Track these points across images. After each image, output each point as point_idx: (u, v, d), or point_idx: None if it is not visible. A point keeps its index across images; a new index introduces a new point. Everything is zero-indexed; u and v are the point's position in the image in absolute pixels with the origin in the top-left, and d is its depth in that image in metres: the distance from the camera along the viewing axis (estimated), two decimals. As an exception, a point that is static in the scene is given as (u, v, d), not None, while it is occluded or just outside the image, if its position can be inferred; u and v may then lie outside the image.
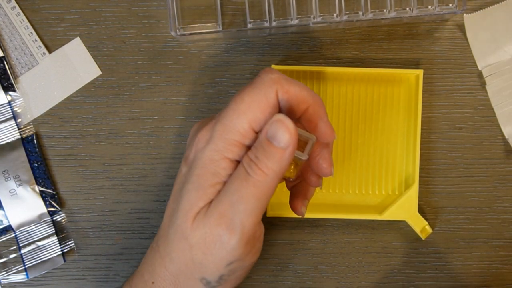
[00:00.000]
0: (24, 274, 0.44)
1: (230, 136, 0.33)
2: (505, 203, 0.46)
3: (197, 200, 0.34)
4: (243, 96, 0.33)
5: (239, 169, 0.33)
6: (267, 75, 0.34)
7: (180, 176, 0.36)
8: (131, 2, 0.45)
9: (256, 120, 0.33)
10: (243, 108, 0.33)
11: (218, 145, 0.33)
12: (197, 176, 0.34)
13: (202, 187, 0.33)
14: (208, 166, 0.33)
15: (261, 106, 0.33)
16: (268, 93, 0.33)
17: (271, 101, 0.33)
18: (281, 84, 0.33)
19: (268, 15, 0.43)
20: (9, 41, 0.45)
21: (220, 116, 0.34)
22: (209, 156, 0.33)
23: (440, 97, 0.46)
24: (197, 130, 0.35)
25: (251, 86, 0.34)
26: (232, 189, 0.33)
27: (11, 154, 0.44)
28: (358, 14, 0.43)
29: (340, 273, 0.45)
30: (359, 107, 0.45)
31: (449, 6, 0.43)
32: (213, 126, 0.34)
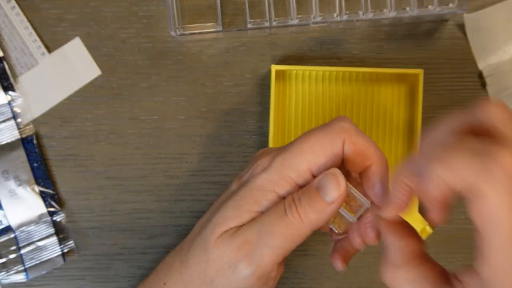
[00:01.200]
0: (24, 274, 0.44)
1: (286, 172, 0.33)
2: (505, 203, 0.46)
3: (230, 219, 0.33)
4: (309, 137, 0.33)
5: (280, 204, 0.33)
6: (339, 123, 0.33)
7: (228, 192, 0.36)
8: (131, 2, 0.45)
9: (316, 164, 0.33)
10: (306, 148, 0.33)
11: (272, 176, 0.33)
12: (241, 197, 0.34)
13: (240, 209, 0.33)
14: (254, 192, 0.33)
15: (325, 152, 0.33)
16: (334, 140, 0.33)
17: (335, 149, 0.33)
18: (350, 134, 0.33)
19: (268, 15, 0.43)
20: (9, 41, 0.45)
21: (283, 150, 0.33)
22: (260, 184, 0.33)
23: (441, 97, 0.46)
24: (261, 154, 0.36)
25: (320, 129, 0.33)
26: (265, 221, 0.33)
27: (11, 154, 0.44)
28: (358, 14, 0.43)
29: (340, 274, 0.45)
30: (359, 107, 0.45)
31: (449, 6, 0.43)
32: (274, 157, 0.33)
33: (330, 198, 0.32)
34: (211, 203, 0.45)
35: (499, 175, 0.24)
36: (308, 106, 0.45)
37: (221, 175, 0.45)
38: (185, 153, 0.45)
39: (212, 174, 0.45)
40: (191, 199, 0.45)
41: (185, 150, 0.45)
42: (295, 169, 0.33)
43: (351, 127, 0.33)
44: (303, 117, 0.45)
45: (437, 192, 0.27)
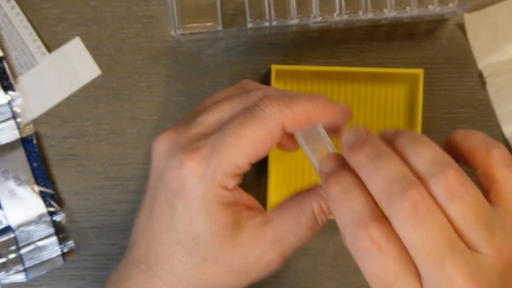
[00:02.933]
0: (24, 274, 0.44)
1: (228, 170, 0.32)
2: (505, 203, 0.46)
3: (227, 225, 0.32)
4: (245, 131, 0.31)
5: (308, 212, 0.33)
6: (269, 109, 0.32)
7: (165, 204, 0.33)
8: (131, 1, 0.45)
9: (255, 156, 0.32)
10: (244, 144, 0.31)
11: (216, 180, 0.31)
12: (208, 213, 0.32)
13: (220, 220, 0.32)
14: (215, 200, 0.32)
15: (264, 143, 0.32)
16: (272, 129, 0.32)
17: (274, 136, 0.32)
18: (286, 115, 0.32)
19: (268, 14, 0.43)
20: (9, 41, 0.45)
21: (216, 148, 0.32)
22: (210, 192, 0.32)
23: (440, 97, 0.46)
24: (175, 156, 0.33)
25: (254, 121, 0.32)
26: (294, 226, 0.33)
27: (10, 154, 0.44)
28: (358, 13, 0.43)
29: (340, 274, 0.45)
30: (359, 107, 0.45)
31: (449, 6, 0.43)
32: (208, 160, 0.31)
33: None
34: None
35: None
36: (308, 106, 0.45)
37: (221, 175, 0.45)
38: (185, 153, 0.45)
39: (212, 174, 0.45)
40: (191, 199, 0.45)
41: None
42: (236, 166, 0.32)
43: (281, 108, 0.32)
44: (303, 117, 0.45)
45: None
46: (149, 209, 0.34)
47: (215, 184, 0.32)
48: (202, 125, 0.33)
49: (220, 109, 0.34)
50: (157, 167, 0.34)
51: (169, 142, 0.34)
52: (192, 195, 0.32)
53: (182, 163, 0.32)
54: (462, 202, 0.27)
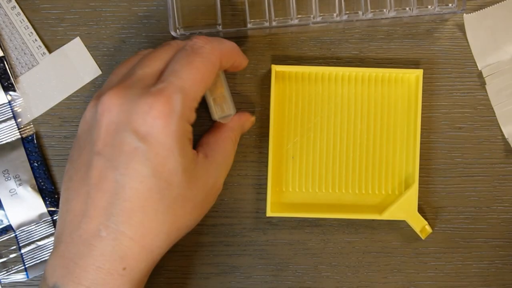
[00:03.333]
0: (24, 273, 0.44)
1: (191, 104, 0.35)
2: (505, 203, 0.46)
3: (192, 160, 0.36)
4: (197, 66, 0.35)
5: (228, 139, 0.41)
6: (208, 46, 0.37)
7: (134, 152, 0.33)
8: (131, 2, 0.45)
9: (206, 87, 0.37)
10: (199, 77, 0.35)
11: (184, 115, 0.35)
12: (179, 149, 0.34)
13: (188, 155, 0.35)
14: (184, 135, 0.35)
15: (211, 74, 0.37)
16: (215, 62, 0.37)
17: (216, 67, 0.37)
18: (221, 50, 0.37)
19: (268, 15, 0.43)
20: (9, 41, 0.45)
21: (177, 86, 0.34)
22: (180, 128, 0.34)
23: (440, 97, 0.46)
24: (135, 105, 0.33)
25: (200, 56, 0.36)
26: (224, 153, 0.41)
27: (11, 154, 0.44)
28: (358, 14, 0.43)
29: (340, 273, 0.45)
30: (359, 107, 0.45)
31: (449, 6, 0.43)
32: (173, 98, 0.34)
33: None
34: (211, 202, 0.45)
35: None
36: (308, 106, 0.45)
37: (221, 175, 0.45)
38: (185, 153, 0.45)
39: (212, 174, 0.45)
40: (191, 198, 0.45)
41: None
42: (197, 100, 0.36)
43: (214, 44, 0.37)
44: (303, 117, 0.45)
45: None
46: (109, 169, 0.33)
47: (184, 120, 0.34)
48: (145, 76, 0.36)
49: (153, 61, 0.37)
50: (114, 122, 0.34)
51: (123, 96, 0.34)
52: (165, 133, 0.33)
53: (150, 106, 0.33)
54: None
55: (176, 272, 0.45)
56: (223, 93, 0.43)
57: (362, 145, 0.45)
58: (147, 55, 0.37)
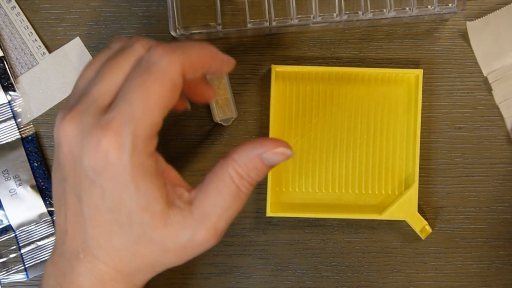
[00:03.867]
0: (24, 273, 0.44)
1: (144, 133, 0.30)
2: (505, 203, 0.46)
3: (156, 199, 0.31)
4: (149, 89, 0.30)
5: (227, 181, 0.32)
6: (165, 60, 0.31)
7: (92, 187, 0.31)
8: (131, 2, 0.45)
9: (166, 108, 0.31)
10: (153, 103, 0.30)
11: (137, 148, 0.30)
12: (136, 186, 0.31)
13: (148, 192, 0.31)
14: (140, 170, 0.31)
15: (171, 94, 0.31)
16: (175, 78, 0.31)
17: (178, 84, 0.31)
18: (183, 62, 0.31)
19: (268, 15, 0.43)
20: (9, 41, 0.45)
21: (126, 116, 0.30)
22: (134, 162, 0.30)
23: (440, 97, 0.46)
24: (88, 135, 0.31)
25: (153, 75, 0.31)
26: (217, 199, 0.32)
27: (11, 154, 0.44)
28: (358, 14, 0.43)
29: (340, 273, 0.45)
30: (359, 107, 0.45)
31: (449, 6, 0.43)
32: (123, 130, 0.30)
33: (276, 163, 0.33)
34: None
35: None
36: (308, 106, 0.45)
37: (221, 175, 0.45)
38: (185, 153, 0.45)
39: (212, 174, 0.45)
40: (191, 199, 0.45)
41: (185, 150, 0.45)
42: (152, 126, 0.31)
43: (177, 55, 0.31)
44: (303, 117, 0.45)
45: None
46: (76, 196, 0.32)
47: (137, 152, 0.30)
48: (100, 96, 0.32)
49: (111, 73, 0.32)
50: (70, 153, 0.32)
51: (76, 125, 0.32)
52: (117, 169, 0.30)
53: (98, 142, 0.30)
54: None
55: (176, 272, 0.45)
56: (226, 95, 0.43)
57: (362, 145, 0.45)
58: (106, 64, 0.33)
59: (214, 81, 0.43)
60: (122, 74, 0.32)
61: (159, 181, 0.31)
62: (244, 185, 0.32)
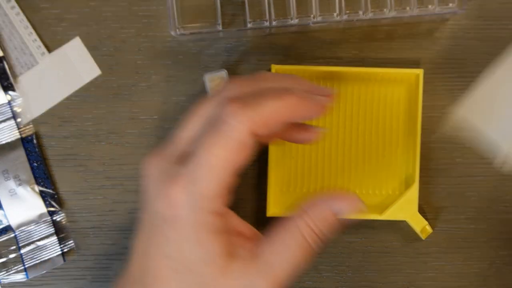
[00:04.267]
0: (24, 274, 0.44)
1: (211, 193, 0.31)
2: (505, 203, 0.46)
3: (219, 254, 0.32)
4: (215, 151, 0.31)
5: (295, 232, 0.32)
6: (234, 119, 0.31)
7: (160, 232, 0.33)
8: (131, 1, 0.45)
9: (235, 168, 0.31)
10: (220, 164, 0.31)
11: (204, 207, 0.31)
12: (198, 241, 0.32)
13: (211, 249, 0.32)
14: (205, 227, 0.31)
15: (239, 154, 0.31)
16: (243, 139, 0.31)
17: (247, 145, 0.31)
18: (254, 122, 0.31)
19: (268, 14, 0.43)
20: (9, 41, 0.45)
21: (194, 174, 0.31)
22: (199, 219, 0.31)
23: (440, 97, 0.46)
24: (163, 183, 0.32)
25: (221, 136, 0.31)
26: (283, 250, 0.32)
27: (10, 154, 0.44)
28: (358, 13, 0.43)
29: (340, 273, 0.45)
30: (359, 107, 0.45)
31: (449, 6, 0.43)
32: (192, 187, 0.31)
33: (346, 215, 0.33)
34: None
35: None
36: (308, 106, 0.45)
37: (221, 175, 0.45)
38: (185, 153, 0.45)
39: (212, 174, 0.45)
40: (191, 199, 0.45)
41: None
42: (219, 186, 0.31)
43: (247, 114, 0.30)
44: (303, 117, 0.45)
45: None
46: (147, 233, 0.34)
47: (203, 212, 0.31)
48: (178, 143, 0.34)
49: (192, 122, 0.34)
50: (148, 192, 0.34)
51: (155, 166, 0.34)
52: (182, 224, 0.31)
53: (168, 193, 0.31)
54: None
55: (176, 272, 0.45)
56: None
57: (362, 145, 0.45)
58: (190, 111, 0.34)
59: (214, 81, 0.43)
60: (200, 124, 0.33)
61: (223, 238, 0.32)
62: (314, 239, 0.32)
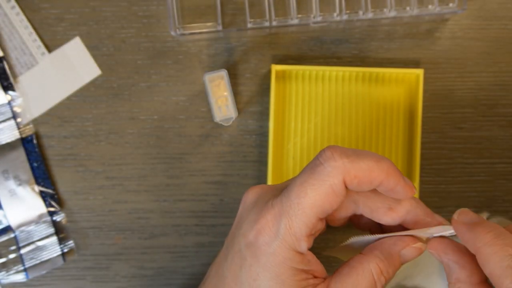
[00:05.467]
0: (24, 274, 0.44)
1: (298, 232, 0.31)
2: (505, 203, 0.46)
3: (296, 286, 0.32)
4: (306, 189, 0.31)
5: (366, 274, 0.32)
6: (329, 164, 0.31)
7: (238, 254, 0.33)
8: (131, 1, 0.45)
9: (323, 212, 0.32)
10: (308, 203, 0.31)
11: (287, 242, 0.31)
12: (276, 273, 0.32)
13: (286, 284, 0.32)
14: (285, 263, 0.32)
15: (328, 199, 0.31)
16: (334, 185, 0.31)
17: (338, 192, 0.31)
18: (347, 171, 0.31)
19: (268, 14, 0.43)
20: (9, 41, 0.45)
21: (283, 209, 0.31)
22: (281, 253, 0.31)
23: (441, 97, 0.46)
24: (255, 210, 0.33)
25: (314, 177, 0.31)
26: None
27: (10, 154, 0.44)
28: (358, 13, 0.43)
29: (340, 273, 0.45)
30: (359, 107, 0.45)
31: (449, 6, 0.43)
32: (279, 220, 0.31)
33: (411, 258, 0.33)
34: (212, 203, 0.45)
35: None
36: (308, 106, 0.45)
37: (221, 175, 0.45)
38: (185, 153, 0.45)
39: (212, 174, 0.45)
40: (191, 199, 0.45)
41: (185, 150, 0.45)
42: (305, 226, 0.31)
43: (344, 161, 0.31)
44: (303, 117, 0.45)
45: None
46: (224, 254, 0.34)
47: (286, 246, 0.31)
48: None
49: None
50: (240, 216, 0.34)
51: (256, 194, 0.34)
52: (263, 251, 0.32)
53: (257, 219, 0.32)
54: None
55: (177, 273, 0.45)
56: (225, 95, 0.43)
57: (362, 145, 0.45)
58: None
59: (214, 81, 0.43)
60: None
61: (301, 276, 0.32)
62: (381, 281, 0.33)
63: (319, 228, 0.33)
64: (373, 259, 0.33)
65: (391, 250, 0.33)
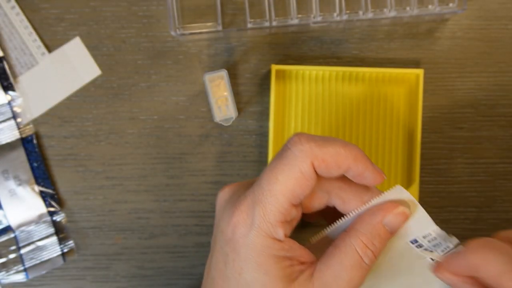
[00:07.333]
0: (24, 274, 0.44)
1: (272, 218, 0.32)
2: (505, 203, 0.46)
3: (278, 278, 0.32)
4: (276, 175, 0.32)
5: (349, 251, 0.32)
6: (297, 148, 0.32)
7: (220, 252, 0.33)
8: (131, 1, 0.45)
9: (294, 197, 0.32)
10: (279, 189, 0.31)
11: (263, 229, 0.32)
12: (258, 263, 0.32)
13: (270, 272, 0.32)
14: (264, 251, 0.32)
15: (298, 183, 0.32)
16: (303, 168, 0.31)
17: (307, 175, 0.32)
18: (315, 155, 0.32)
19: (268, 14, 0.43)
20: (9, 41, 0.45)
21: (256, 197, 0.32)
22: (258, 242, 0.32)
23: (440, 97, 0.46)
24: (229, 205, 0.33)
25: (283, 162, 0.32)
26: (339, 270, 0.32)
27: (10, 154, 0.44)
28: (358, 13, 0.43)
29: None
30: (359, 107, 0.45)
31: (449, 6, 0.43)
32: (252, 210, 0.32)
33: (397, 229, 0.33)
34: (212, 203, 0.45)
35: None
36: (308, 106, 0.45)
37: (221, 175, 0.45)
38: (185, 153, 0.45)
39: (212, 174, 0.45)
40: (191, 199, 0.45)
41: (185, 150, 0.45)
42: (279, 212, 0.32)
43: (311, 145, 0.32)
44: (303, 117, 0.45)
45: None
46: (210, 256, 0.35)
47: (263, 234, 0.32)
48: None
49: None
50: (217, 215, 0.35)
51: (230, 192, 0.35)
52: (242, 244, 0.32)
53: (232, 213, 0.32)
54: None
55: (177, 273, 0.45)
56: (225, 95, 0.43)
57: (362, 145, 0.45)
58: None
59: (214, 81, 0.43)
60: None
61: (284, 263, 0.32)
62: (368, 255, 0.32)
63: (294, 215, 0.33)
64: (354, 233, 0.33)
65: (372, 221, 0.33)
